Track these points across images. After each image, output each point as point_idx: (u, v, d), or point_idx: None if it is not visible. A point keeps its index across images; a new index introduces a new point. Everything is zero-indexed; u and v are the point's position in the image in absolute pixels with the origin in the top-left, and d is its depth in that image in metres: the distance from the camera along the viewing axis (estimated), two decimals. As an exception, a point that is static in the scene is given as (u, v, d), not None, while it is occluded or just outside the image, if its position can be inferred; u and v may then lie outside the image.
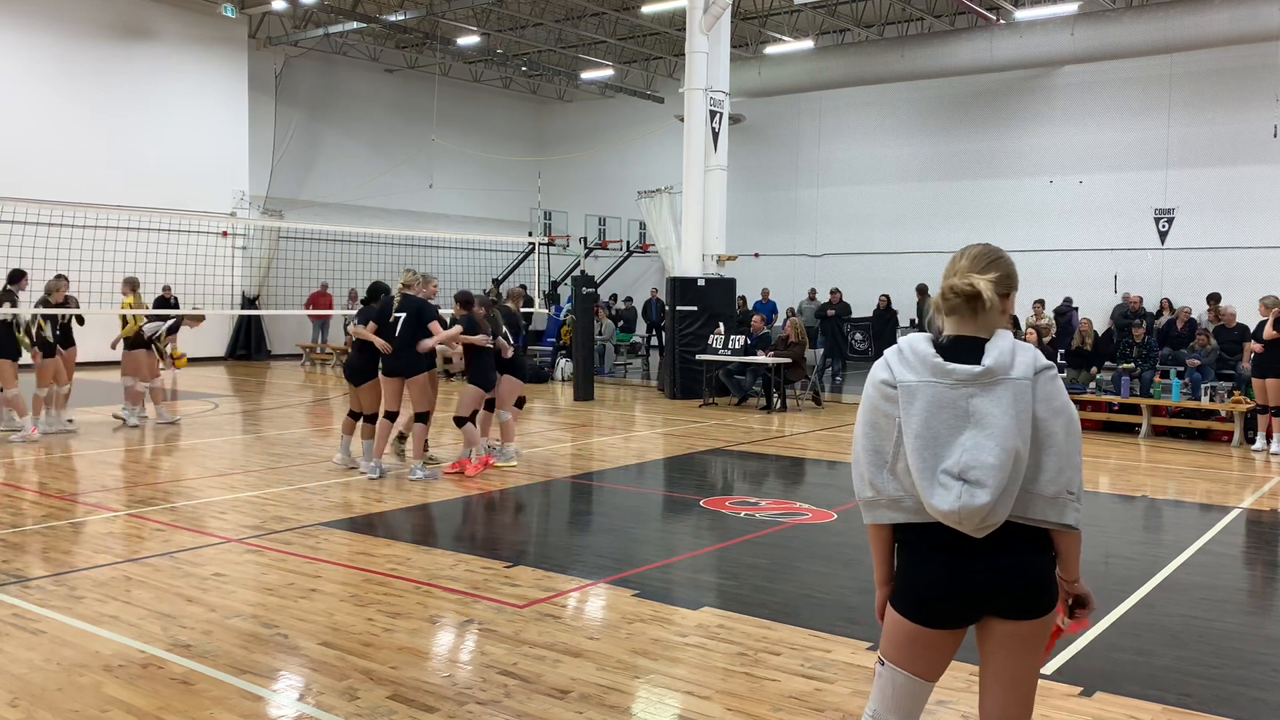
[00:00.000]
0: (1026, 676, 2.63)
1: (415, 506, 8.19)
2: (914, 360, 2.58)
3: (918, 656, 2.62)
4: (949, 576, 2.55)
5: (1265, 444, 11.90)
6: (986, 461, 2.44)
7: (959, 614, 2.58)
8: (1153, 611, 5.69)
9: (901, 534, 2.63)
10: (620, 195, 26.78)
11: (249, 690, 4.32)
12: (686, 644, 4.97)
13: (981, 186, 23.61)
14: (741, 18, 23.11)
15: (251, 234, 23.98)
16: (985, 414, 2.49)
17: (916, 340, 2.63)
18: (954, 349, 2.60)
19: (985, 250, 2.72)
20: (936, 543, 2.55)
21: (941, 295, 2.66)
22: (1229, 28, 18.59)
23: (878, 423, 2.61)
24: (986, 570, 2.52)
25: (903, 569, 2.64)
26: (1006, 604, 2.55)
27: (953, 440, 2.49)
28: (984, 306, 2.60)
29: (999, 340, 2.60)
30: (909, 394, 2.54)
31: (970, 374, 2.52)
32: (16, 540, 6.83)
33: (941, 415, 2.51)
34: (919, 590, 2.59)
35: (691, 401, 16.41)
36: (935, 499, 2.46)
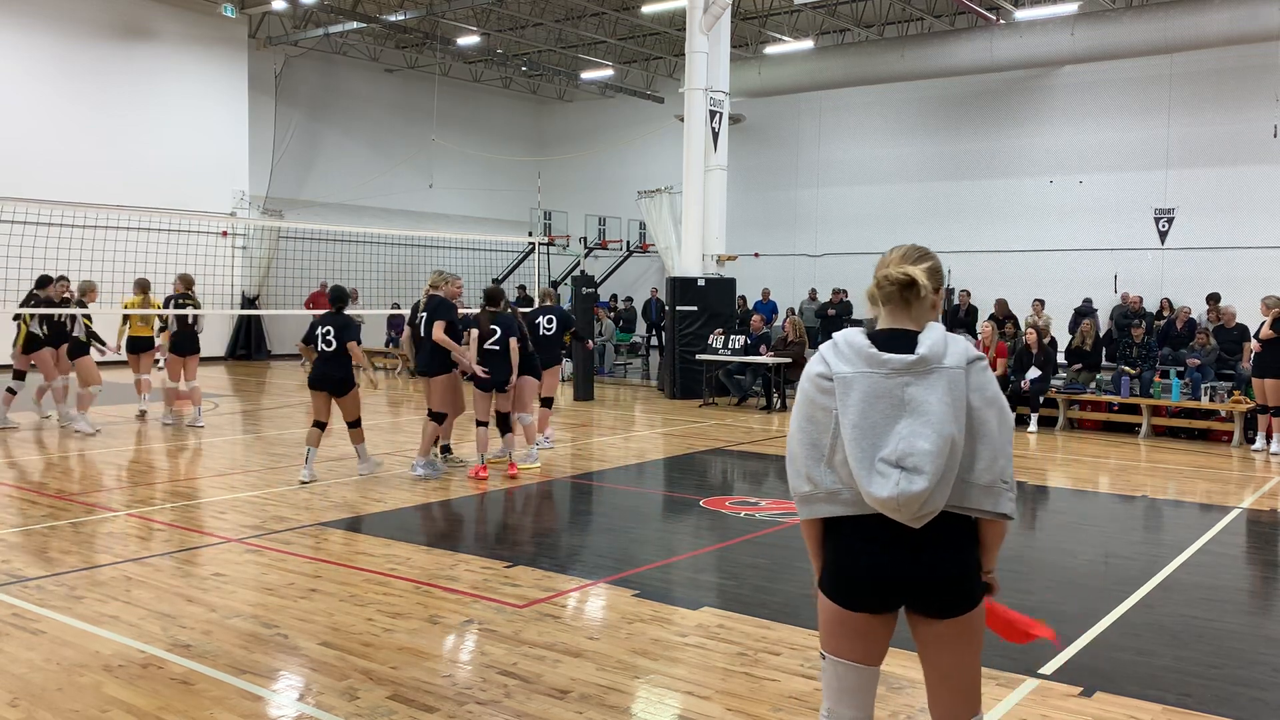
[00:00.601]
0: (965, 671, 2.67)
1: (415, 506, 8.19)
2: (848, 352, 2.60)
3: (853, 642, 2.64)
4: (879, 565, 2.57)
5: (1265, 444, 11.90)
6: (923, 448, 2.46)
7: (886, 600, 2.61)
8: (1153, 611, 5.69)
9: (834, 525, 2.64)
10: (620, 195, 26.78)
11: (249, 690, 4.32)
12: (686, 644, 4.97)
13: (981, 186, 23.61)
14: (741, 18, 23.11)
15: (251, 234, 23.98)
16: (921, 402, 2.51)
17: (851, 333, 2.66)
18: (887, 340, 2.62)
19: (915, 247, 2.79)
20: (870, 534, 2.57)
21: (876, 284, 2.70)
22: (1229, 28, 18.59)
23: (814, 416, 2.62)
24: (916, 563, 2.55)
25: (833, 557, 2.65)
26: (933, 602, 2.59)
27: (889, 429, 2.51)
28: (917, 295, 2.66)
29: (931, 330, 2.64)
30: (845, 385, 2.55)
31: (905, 363, 2.54)
32: (16, 540, 6.83)
33: (878, 405, 2.52)
34: (847, 575, 2.61)
35: (691, 401, 16.42)
36: (874, 487, 2.47)
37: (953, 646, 2.63)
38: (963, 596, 2.60)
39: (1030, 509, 9.03)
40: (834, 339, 2.69)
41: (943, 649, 2.64)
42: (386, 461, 10.21)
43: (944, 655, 2.65)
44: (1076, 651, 4.95)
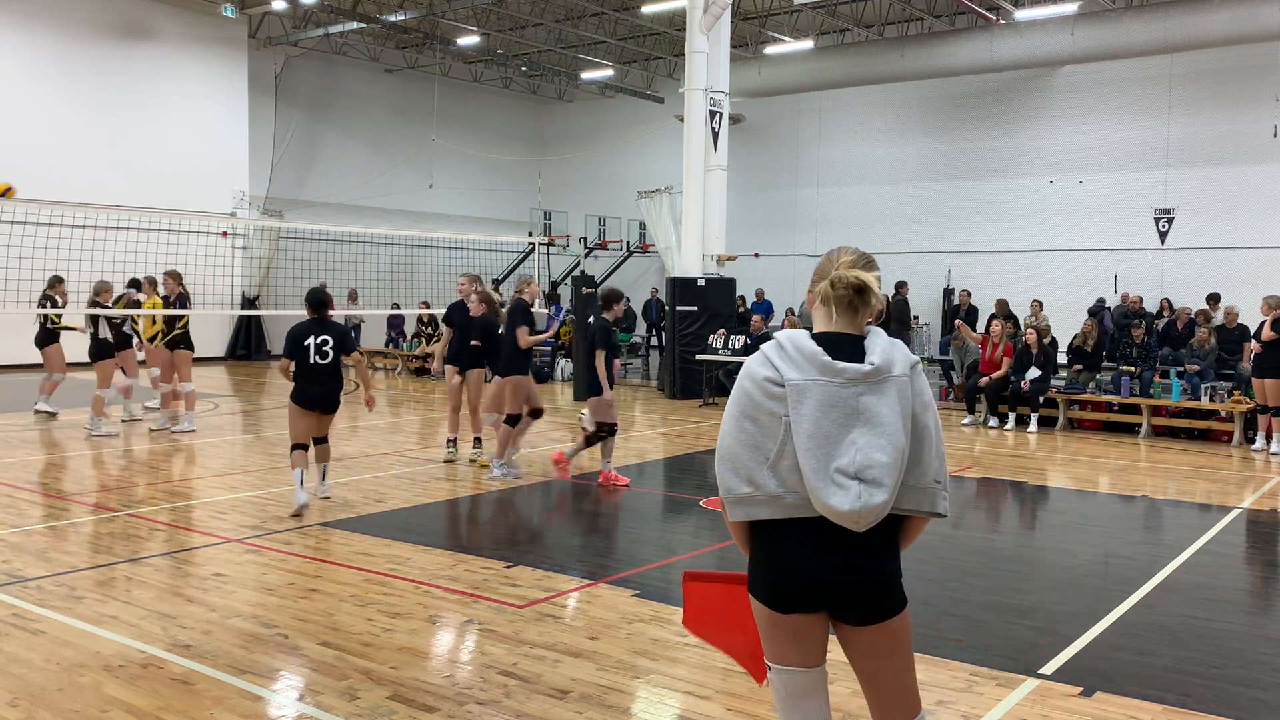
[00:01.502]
0: (899, 674, 2.66)
1: (415, 506, 8.19)
2: (798, 357, 2.56)
3: (791, 646, 2.61)
4: (819, 568, 2.54)
5: (1265, 444, 11.90)
6: (881, 460, 2.45)
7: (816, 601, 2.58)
8: (1153, 611, 5.69)
9: (764, 527, 2.60)
10: (620, 195, 26.78)
11: (249, 690, 4.32)
12: (686, 644, 4.97)
13: (981, 186, 23.61)
14: (741, 18, 23.11)
15: (251, 234, 23.98)
16: (875, 412, 2.50)
17: (798, 336, 2.60)
18: (835, 345, 2.59)
19: (862, 253, 2.73)
20: (809, 537, 2.54)
21: (831, 285, 2.64)
22: (1229, 28, 18.59)
23: (757, 418, 2.56)
24: (854, 567, 2.54)
25: (766, 559, 2.61)
26: (864, 608, 2.57)
27: (842, 439, 2.48)
28: (866, 302, 2.64)
29: (878, 337, 2.63)
30: (798, 393, 2.51)
31: (860, 373, 2.52)
32: (16, 540, 6.83)
33: (831, 414, 2.49)
34: (783, 578, 2.57)
35: (691, 401, 16.42)
36: (833, 499, 2.44)
37: (885, 651, 2.62)
38: (893, 601, 2.60)
39: (1030, 509, 9.03)
40: (778, 340, 2.63)
41: (873, 656, 2.63)
42: (386, 461, 10.20)
43: (877, 661, 2.63)
44: (1076, 651, 4.95)
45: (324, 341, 7.74)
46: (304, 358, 7.68)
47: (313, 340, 7.70)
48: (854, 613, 2.58)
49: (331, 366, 7.78)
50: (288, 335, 7.76)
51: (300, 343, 7.70)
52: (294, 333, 7.74)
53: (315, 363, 7.71)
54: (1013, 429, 13.63)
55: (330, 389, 7.85)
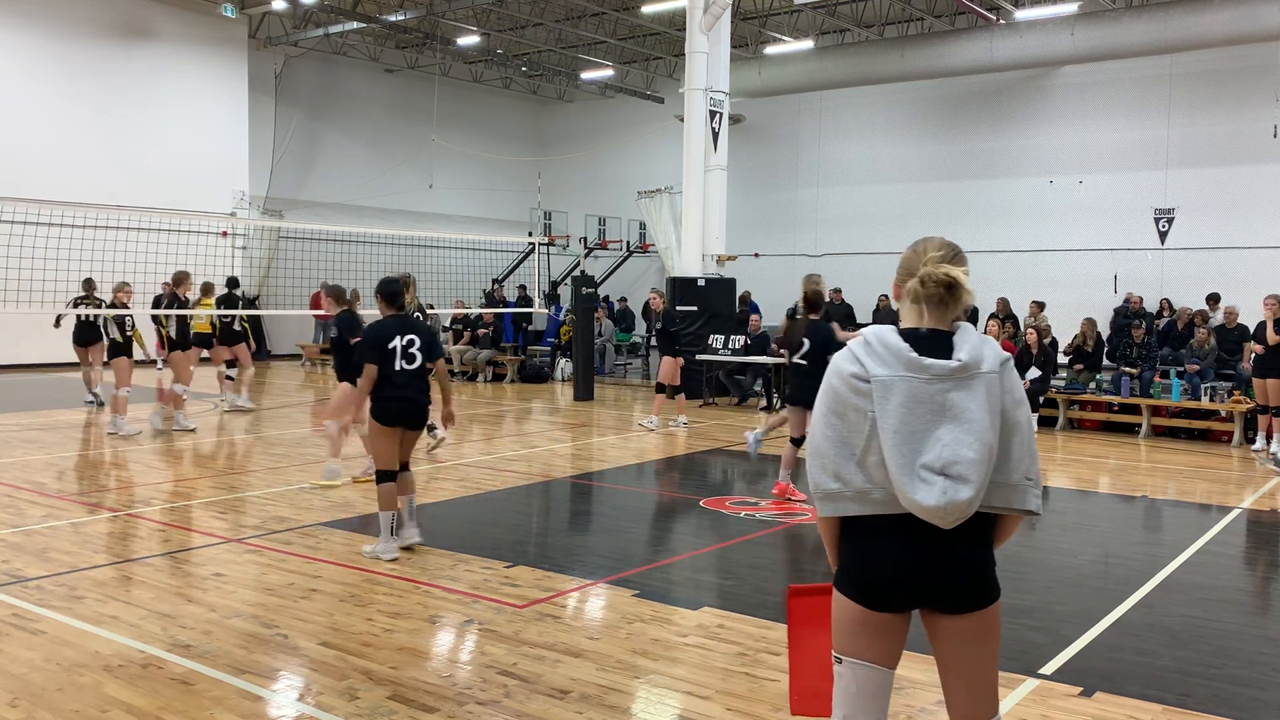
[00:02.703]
0: (986, 667, 2.66)
1: (415, 507, 8.18)
2: (885, 353, 2.55)
3: (875, 643, 2.60)
4: (909, 564, 2.55)
5: (1265, 444, 11.90)
6: (968, 457, 2.45)
7: (913, 599, 2.59)
8: (1153, 611, 5.69)
9: (856, 524, 2.60)
10: (620, 195, 26.78)
11: (249, 690, 4.32)
12: (686, 644, 4.97)
13: (981, 186, 23.61)
14: (741, 18, 23.11)
15: (251, 234, 23.98)
16: (963, 409, 2.49)
17: (884, 332, 2.60)
18: (923, 341, 2.58)
19: (950, 243, 2.71)
20: (899, 533, 2.54)
21: (920, 283, 2.63)
22: (1229, 28, 18.59)
23: (846, 415, 2.57)
24: (945, 560, 2.55)
25: (857, 556, 2.61)
26: (955, 597, 2.58)
27: (928, 434, 2.48)
28: (956, 298, 2.62)
29: (967, 334, 2.61)
30: (884, 389, 2.51)
31: (947, 369, 2.51)
32: (16, 540, 6.83)
33: (918, 410, 2.49)
34: (873, 575, 2.58)
35: (692, 401, 16.42)
36: (919, 495, 2.44)
37: (975, 641, 2.63)
38: (987, 590, 2.62)
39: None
40: (865, 337, 2.62)
41: (965, 644, 2.63)
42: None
43: (966, 650, 2.63)
44: (1076, 652, 4.95)
45: (410, 343, 6.45)
46: (388, 363, 6.38)
47: (399, 341, 6.41)
48: (948, 602, 2.58)
49: (420, 372, 6.54)
50: (364, 338, 6.55)
51: (384, 345, 6.37)
52: (374, 334, 6.43)
53: (402, 368, 6.41)
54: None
55: (420, 401, 6.52)
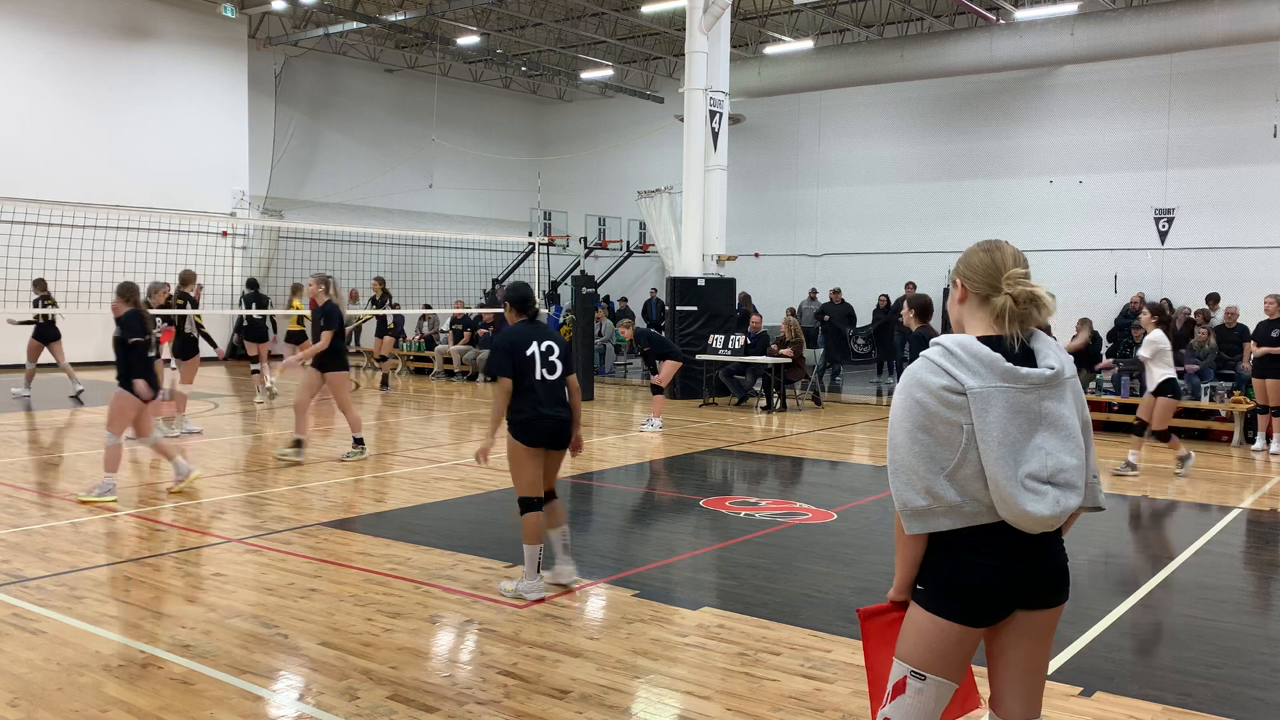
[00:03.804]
0: (1045, 662, 2.71)
1: (415, 506, 8.19)
2: (974, 364, 2.51)
3: (959, 660, 2.60)
4: (1007, 573, 2.55)
5: (1265, 444, 11.90)
6: (1071, 464, 2.50)
7: (1009, 606, 2.60)
8: (1153, 611, 5.69)
9: (947, 539, 2.57)
10: (620, 195, 26.78)
11: (249, 690, 4.32)
12: (686, 644, 4.97)
13: (981, 186, 23.61)
14: (741, 18, 23.11)
15: (251, 234, 23.98)
16: (1058, 416, 2.52)
17: (968, 342, 2.55)
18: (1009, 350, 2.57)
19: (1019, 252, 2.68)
20: (993, 543, 2.53)
21: (1015, 300, 2.59)
22: (1229, 28, 18.59)
23: (934, 429, 2.51)
24: (1039, 565, 2.58)
25: (949, 571, 2.57)
26: (1047, 593, 2.61)
27: (1026, 444, 2.49)
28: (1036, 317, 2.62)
29: (1046, 341, 2.64)
30: (982, 401, 2.47)
31: (1043, 378, 2.52)
32: (16, 540, 6.83)
33: (1016, 420, 2.49)
34: (972, 590, 2.55)
35: (691, 401, 16.42)
36: (1030, 506, 2.44)
37: (1043, 636, 2.65)
38: (1068, 584, 2.65)
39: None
40: (947, 347, 2.56)
41: (1039, 639, 2.64)
42: (386, 461, 10.20)
43: (1035, 645, 2.65)
44: (1076, 651, 4.95)
45: (550, 350, 5.72)
46: (527, 374, 5.64)
47: (536, 348, 5.67)
48: (1037, 599, 2.60)
49: (563, 383, 5.78)
50: (495, 347, 5.77)
51: (521, 352, 5.64)
52: (509, 342, 5.67)
53: (543, 378, 5.65)
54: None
55: (563, 416, 5.73)
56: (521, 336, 5.67)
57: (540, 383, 5.62)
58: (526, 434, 5.61)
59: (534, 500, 5.71)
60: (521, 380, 5.58)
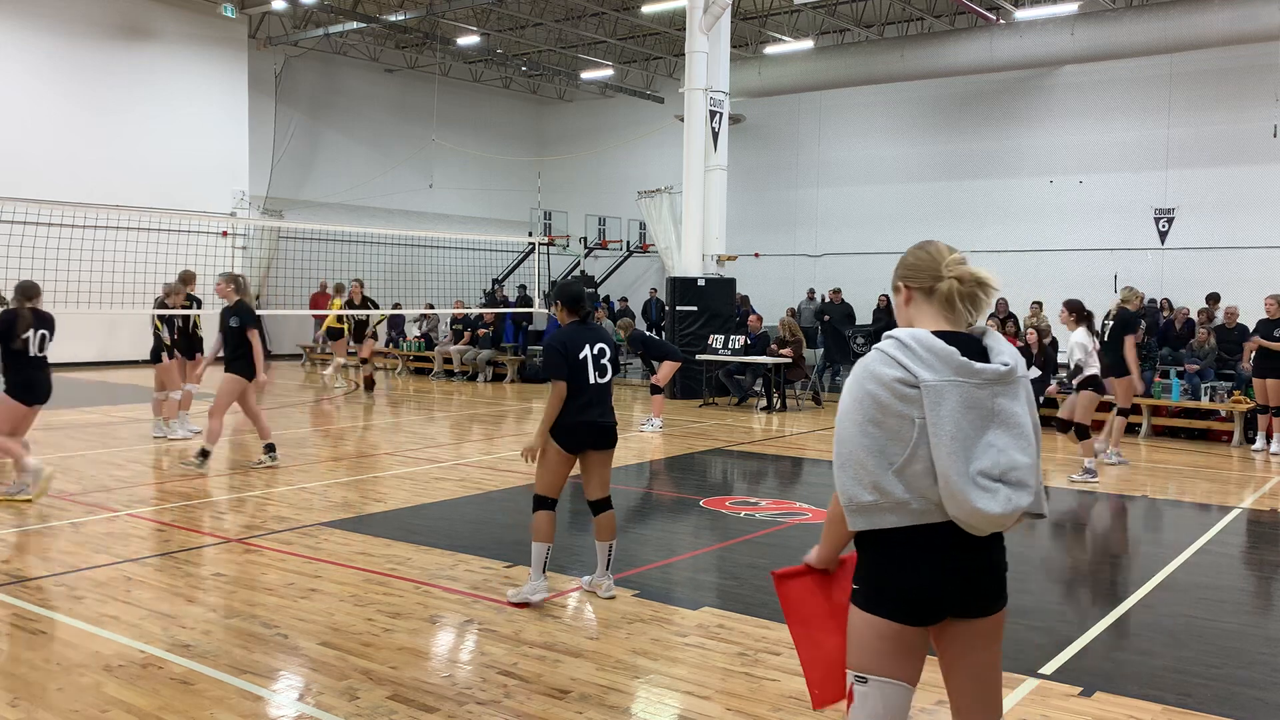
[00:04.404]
0: (996, 669, 2.67)
1: (415, 506, 8.19)
2: (930, 357, 2.46)
3: (907, 660, 2.54)
4: (947, 574, 2.50)
5: (1265, 444, 11.90)
6: (1024, 462, 2.45)
7: (948, 608, 2.55)
8: (1153, 611, 5.69)
9: (885, 537, 2.50)
10: (620, 195, 26.78)
11: (249, 690, 4.32)
12: (686, 644, 4.97)
13: (981, 186, 23.61)
14: (741, 18, 23.10)
15: (251, 234, 23.98)
16: (1011, 413, 2.47)
17: (922, 335, 2.51)
18: (962, 345, 2.52)
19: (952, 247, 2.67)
20: (935, 543, 2.48)
21: (959, 280, 2.57)
22: (1229, 28, 18.59)
23: (885, 422, 2.46)
24: (979, 568, 2.53)
25: (891, 571, 2.52)
26: (985, 599, 2.57)
27: (979, 440, 2.43)
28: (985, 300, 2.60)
29: (998, 338, 2.59)
30: (936, 394, 2.42)
31: (997, 374, 2.47)
32: (16, 540, 6.83)
33: (969, 416, 2.43)
34: (913, 590, 2.50)
35: (691, 401, 16.42)
36: (981, 503, 2.39)
37: (991, 642, 2.62)
38: (1005, 591, 2.62)
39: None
40: (900, 339, 2.52)
41: (984, 647, 2.61)
42: (386, 461, 10.18)
43: (984, 653, 2.62)
44: (1076, 651, 4.95)
45: (601, 353, 5.66)
46: (580, 377, 5.57)
47: (589, 351, 5.61)
48: (977, 607, 2.56)
49: (609, 387, 5.76)
50: (550, 349, 5.62)
51: (575, 355, 5.56)
52: (562, 343, 5.56)
53: (595, 382, 5.62)
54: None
55: (609, 421, 5.72)
56: (576, 338, 5.59)
57: (593, 386, 5.59)
58: (566, 438, 5.58)
59: (548, 500, 5.66)
60: (573, 383, 5.52)
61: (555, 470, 5.64)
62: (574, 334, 5.61)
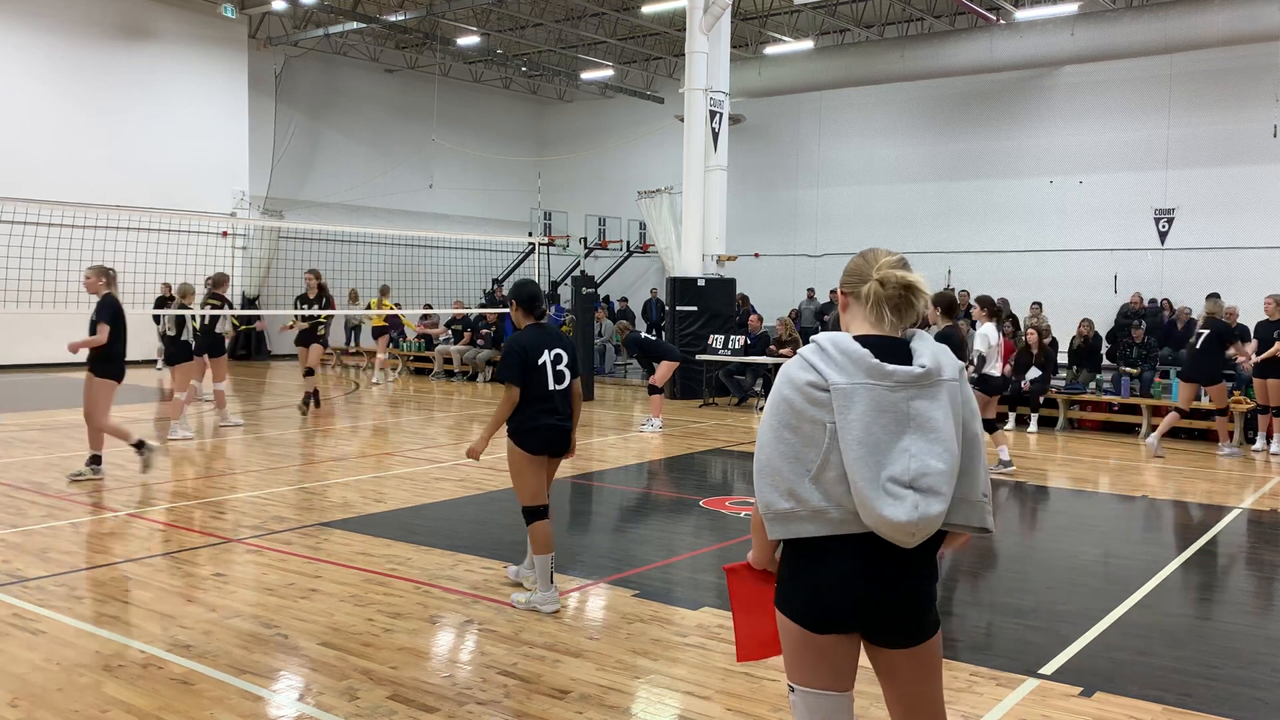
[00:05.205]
0: (933, 698, 2.57)
1: (415, 506, 8.19)
2: (843, 360, 2.41)
3: (825, 667, 2.48)
4: (862, 585, 2.41)
5: (1265, 444, 11.90)
6: (938, 468, 2.34)
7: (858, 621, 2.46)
8: (1153, 611, 5.69)
9: (803, 544, 2.45)
10: (620, 195, 26.78)
11: (249, 690, 4.32)
12: (686, 644, 4.97)
13: (981, 186, 23.61)
14: (741, 18, 23.11)
15: (251, 234, 23.98)
16: (928, 417, 2.37)
17: (840, 338, 2.47)
18: (882, 348, 2.45)
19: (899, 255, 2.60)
20: (851, 553, 2.41)
21: (881, 284, 2.50)
22: (1228, 28, 18.59)
23: (800, 428, 2.41)
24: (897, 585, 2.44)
25: (803, 576, 2.46)
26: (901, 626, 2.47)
27: (892, 445, 2.35)
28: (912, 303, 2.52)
29: (925, 340, 2.51)
30: (845, 397, 2.36)
31: (911, 376, 2.39)
32: (16, 540, 6.83)
33: (881, 420, 2.35)
34: (821, 597, 2.44)
35: (691, 401, 16.42)
36: (887, 510, 2.30)
37: (920, 676, 2.53)
38: (931, 621, 2.51)
39: (1030, 509, 9.03)
40: (818, 343, 2.47)
41: (911, 680, 2.52)
42: (386, 461, 10.19)
43: (913, 687, 2.53)
44: (1076, 651, 4.95)
45: (558, 358, 5.56)
46: (538, 382, 5.48)
47: (547, 356, 5.52)
48: (892, 634, 2.47)
49: (568, 392, 5.62)
50: (508, 353, 5.50)
51: (534, 359, 5.47)
52: (521, 347, 5.46)
53: (554, 388, 5.52)
54: (1013, 429, 13.64)
55: (564, 425, 5.60)
56: (533, 343, 5.48)
57: (550, 393, 5.49)
58: (529, 441, 5.48)
59: (539, 509, 5.59)
60: (530, 389, 5.44)
61: (533, 477, 5.56)
62: (533, 338, 5.50)
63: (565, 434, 5.60)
